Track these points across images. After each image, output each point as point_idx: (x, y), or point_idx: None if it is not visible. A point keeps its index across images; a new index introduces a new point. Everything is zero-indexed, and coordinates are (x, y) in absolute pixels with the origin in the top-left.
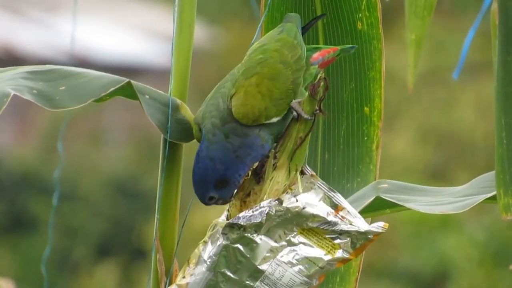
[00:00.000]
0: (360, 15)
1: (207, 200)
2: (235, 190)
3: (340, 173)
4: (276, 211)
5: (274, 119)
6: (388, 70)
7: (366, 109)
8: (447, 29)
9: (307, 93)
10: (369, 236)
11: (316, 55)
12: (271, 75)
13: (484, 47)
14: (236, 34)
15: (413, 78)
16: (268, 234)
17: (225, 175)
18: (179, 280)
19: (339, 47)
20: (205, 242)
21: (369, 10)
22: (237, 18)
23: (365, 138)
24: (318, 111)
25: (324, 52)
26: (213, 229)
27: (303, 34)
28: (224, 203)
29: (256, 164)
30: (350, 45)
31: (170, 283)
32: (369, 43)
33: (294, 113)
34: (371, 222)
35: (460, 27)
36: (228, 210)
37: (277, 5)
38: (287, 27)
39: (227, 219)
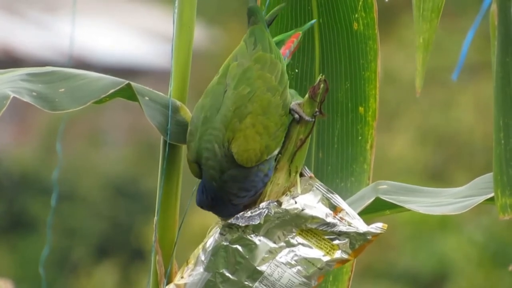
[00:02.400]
0: (356, 15)
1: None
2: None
3: (334, 172)
4: (275, 212)
5: (275, 152)
6: (387, 70)
7: (361, 109)
8: (447, 30)
9: (307, 95)
10: (368, 237)
11: (282, 50)
12: (263, 109)
13: (483, 48)
14: (236, 35)
15: (421, 82)
16: (267, 235)
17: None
18: (178, 280)
19: (300, 32)
20: (204, 243)
21: (365, 11)
22: (236, 18)
23: (360, 138)
24: (318, 113)
25: (288, 44)
26: (212, 230)
27: (269, 25)
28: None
29: None
30: (309, 22)
31: (168, 284)
32: (364, 44)
33: (296, 115)
34: (370, 223)
35: (460, 28)
36: None
37: (274, 5)
38: (258, 36)
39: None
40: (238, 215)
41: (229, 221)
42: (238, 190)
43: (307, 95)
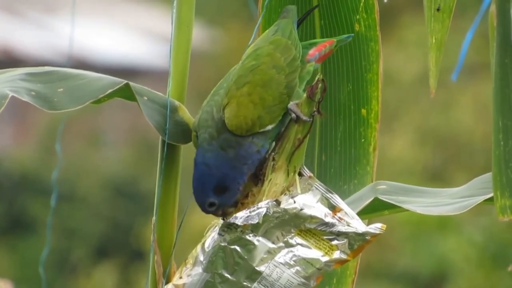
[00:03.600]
0: (357, 16)
1: (207, 206)
2: (235, 198)
3: (337, 174)
4: (273, 212)
5: (269, 127)
6: (386, 71)
7: (364, 111)
8: None
9: (305, 95)
10: (367, 237)
11: (312, 51)
12: (263, 82)
13: (482, 49)
14: (235, 35)
15: (435, 82)
16: (265, 235)
17: (223, 181)
18: (176, 280)
19: (335, 39)
20: (203, 243)
21: (367, 12)
22: (235, 19)
23: (362, 140)
24: (316, 113)
25: (320, 47)
26: (210, 231)
27: (299, 25)
28: (225, 213)
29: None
30: (346, 35)
31: (167, 284)
32: (366, 45)
33: (293, 114)
34: (369, 224)
35: (459, 29)
36: None
37: (275, 6)
38: (282, 25)
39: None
40: (237, 215)
41: (228, 220)
42: (235, 154)
43: (305, 95)
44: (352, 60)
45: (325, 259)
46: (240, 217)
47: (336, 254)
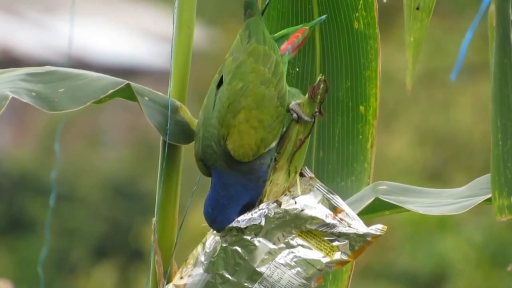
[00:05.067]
0: (357, 14)
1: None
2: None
3: (334, 171)
4: (274, 213)
5: (273, 144)
6: (386, 70)
7: (362, 108)
8: (445, 30)
9: (306, 95)
10: (368, 239)
11: (284, 46)
12: (257, 103)
13: (482, 49)
14: (234, 35)
15: (412, 80)
16: (266, 236)
17: (252, 201)
18: (177, 281)
19: (307, 26)
20: (204, 244)
21: (366, 10)
22: (235, 19)
23: (360, 137)
24: (317, 113)
25: (292, 39)
26: (211, 231)
27: (263, 13)
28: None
29: None
30: (318, 18)
31: (168, 284)
32: (365, 43)
33: (294, 115)
34: (370, 224)
35: (458, 28)
36: None
37: (274, 4)
38: (253, 28)
39: None
40: (239, 218)
41: (230, 225)
42: (249, 179)
43: (306, 95)
44: (350, 57)
45: (326, 260)
46: (242, 220)
47: (337, 255)
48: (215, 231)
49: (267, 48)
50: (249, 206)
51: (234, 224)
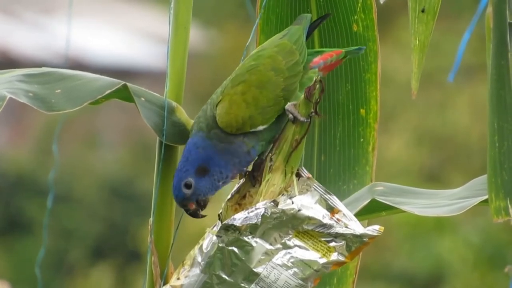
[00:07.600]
0: (355, 17)
1: (183, 186)
2: (213, 191)
3: (336, 175)
4: (271, 213)
5: (260, 127)
6: (383, 72)
7: (362, 111)
8: (443, 32)
9: (302, 96)
10: (364, 239)
11: (316, 59)
12: (259, 82)
13: (479, 50)
14: (232, 36)
15: (417, 83)
16: (263, 236)
17: (207, 162)
18: (174, 281)
19: (343, 50)
20: (201, 245)
21: (365, 12)
22: (232, 20)
23: (361, 140)
24: (313, 113)
25: (326, 56)
26: (208, 232)
27: (309, 35)
28: (199, 202)
29: (251, 167)
30: (357, 47)
31: (165, 285)
32: (364, 45)
33: (290, 115)
34: (367, 225)
35: (456, 30)
36: (221, 214)
37: (273, 6)
38: (292, 31)
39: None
40: (235, 216)
41: (226, 222)
42: (223, 149)
43: (302, 96)
44: (350, 61)
45: (322, 260)
46: (238, 218)
47: (334, 256)
48: (212, 232)
49: (294, 47)
50: (205, 169)
51: (229, 221)
